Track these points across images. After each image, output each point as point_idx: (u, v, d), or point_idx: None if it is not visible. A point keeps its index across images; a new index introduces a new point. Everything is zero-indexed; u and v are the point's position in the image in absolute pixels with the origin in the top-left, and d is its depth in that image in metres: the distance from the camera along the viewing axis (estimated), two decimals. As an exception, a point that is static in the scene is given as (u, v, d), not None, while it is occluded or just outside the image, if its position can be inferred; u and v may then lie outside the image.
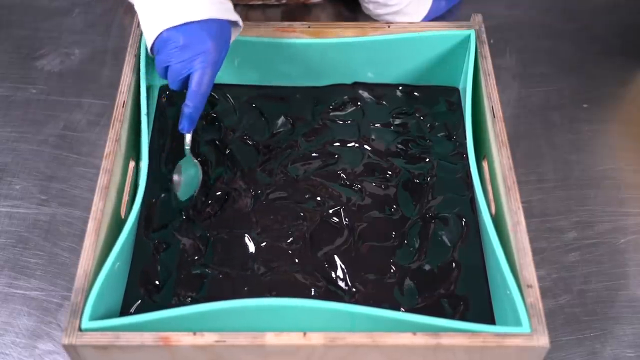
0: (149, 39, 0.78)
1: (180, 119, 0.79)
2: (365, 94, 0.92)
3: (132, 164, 0.82)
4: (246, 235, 0.79)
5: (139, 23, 0.87)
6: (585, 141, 0.96)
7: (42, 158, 0.93)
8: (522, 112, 0.98)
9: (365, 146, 0.87)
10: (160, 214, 0.80)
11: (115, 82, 0.83)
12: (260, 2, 1.11)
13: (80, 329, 0.63)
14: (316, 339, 0.62)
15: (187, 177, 0.81)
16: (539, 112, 0.99)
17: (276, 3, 1.11)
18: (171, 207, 0.81)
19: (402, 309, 0.73)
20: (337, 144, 0.87)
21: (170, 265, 0.76)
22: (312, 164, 0.85)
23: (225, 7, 0.79)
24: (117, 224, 0.75)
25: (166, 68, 0.78)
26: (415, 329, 0.63)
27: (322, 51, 0.88)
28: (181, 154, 0.84)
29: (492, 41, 1.02)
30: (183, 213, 0.80)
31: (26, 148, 0.94)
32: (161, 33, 0.76)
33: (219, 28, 0.77)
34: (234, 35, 0.82)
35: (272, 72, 0.91)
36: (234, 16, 0.80)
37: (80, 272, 0.67)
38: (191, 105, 0.78)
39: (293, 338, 0.63)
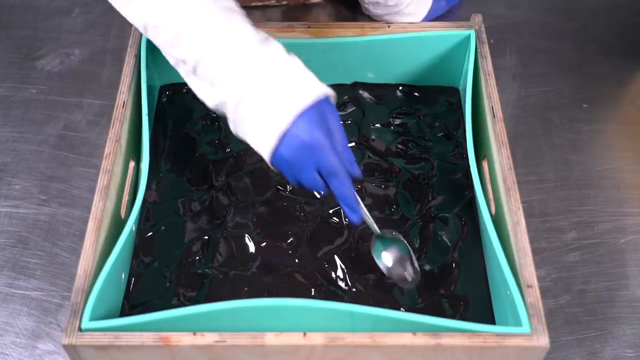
0: (264, 152, 0.69)
1: (348, 215, 0.71)
2: (365, 94, 0.92)
3: (132, 164, 0.82)
4: (246, 235, 0.79)
5: None
6: (585, 141, 0.96)
7: (42, 158, 0.93)
8: (521, 112, 0.98)
9: (365, 146, 0.87)
10: (160, 216, 0.81)
11: (115, 82, 0.83)
12: (260, 3, 1.11)
13: (80, 329, 0.64)
14: (316, 339, 0.62)
15: (395, 257, 0.75)
16: (539, 112, 0.99)
17: (276, 4, 1.11)
18: (171, 208, 0.81)
19: (402, 309, 0.73)
20: (337, 144, 0.87)
21: (170, 266, 0.77)
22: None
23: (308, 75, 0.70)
24: (117, 224, 0.75)
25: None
26: (415, 329, 0.63)
27: (322, 51, 0.88)
28: (181, 154, 0.85)
29: (492, 41, 1.02)
30: (183, 213, 0.80)
31: (26, 148, 0.94)
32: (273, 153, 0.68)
33: (316, 112, 0.67)
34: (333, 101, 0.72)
35: (272, 72, 0.91)
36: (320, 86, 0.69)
37: (80, 272, 0.67)
38: (341, 198, 0.70)
39: (293, 338, 0.63)
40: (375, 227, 0.74)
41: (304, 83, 0.68)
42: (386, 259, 0.74)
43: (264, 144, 0.67)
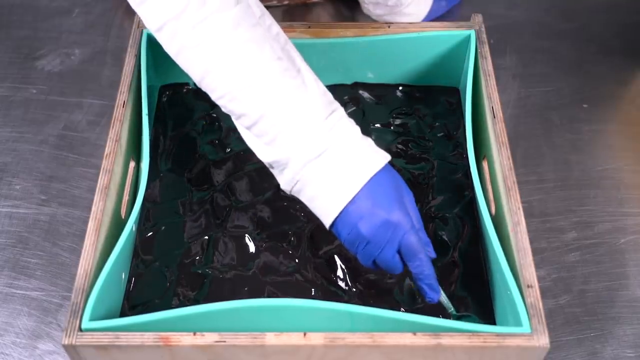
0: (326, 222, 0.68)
1: (423, 294, 0.70)
2: (365, 94, 0.92)
3: (132, 164, 0.82)
4: (246, 235, 0.79)
5: (139, 23, 0.87)
6: (585, 141, 0.96)
7: (42, 158, 0.93)
8: (522, 112, 0.98)
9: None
10: (160, 215, 0.81)
11: (115, 82, 0.83)
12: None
13: (80, 329, 0.64)
14: (316, 339, 0.62)
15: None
16: (539, 112, 0.99)
17: (277, 4, 1.11)
18: (171, 208, 0.81)
19: (402, 309, 0.73)
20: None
21: (170, 266, 0.77)
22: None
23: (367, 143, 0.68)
24: (117, 224, 0.75)
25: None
26: (415, 329, 0.63)
27: (322, 51, 0.88)
28: (181, 154, 0.85)
29: (492, 41, 1.02)
30: (183, 213, 0.80)
31: (26, 148, 0.94)
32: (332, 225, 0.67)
33: (378, 183, 0.65)
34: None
35: (272, 72, 0.91)
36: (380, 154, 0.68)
37: (80, 272, 0.67)
38: (422, 277, 0.68)
39: (293, 338, 0.63)
40: (450, 305, 0.71)
41: (371, 150, 0.67)
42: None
43: (328, 215, 0.67)
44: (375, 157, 0.67)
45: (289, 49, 0.70)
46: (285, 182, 0.68)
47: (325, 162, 0.65)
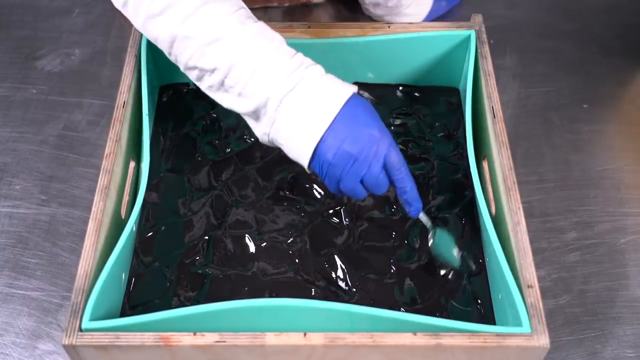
0: (303, 158, 0.69)
1: (407, 207, 0.72)
2: (366, 94, 0.92)
3: (132, 164, 0.82)
4: (246, 235, 0.79)
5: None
6: (585, 141, 0.96)
7: (42, 158, 0.93)
8: (522, 113, 0.98)
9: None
10: (160, 216, 0.81)
11: (115, 82, 0.83)
12: (261, 5, 1.11)
13: (80, 329, 0.64)
14: (316, 339, 0.62)
15: (444, 246, 0.76)
16: (539, 112, 0.99)
17: (277, 5, 1.11)
18: (171, 208, 0.81)
19: (402, 309, 0.73)
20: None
21: (170, 266, 0.77)
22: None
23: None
24: (117, 225, 0.75)
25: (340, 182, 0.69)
26: (415, 329, 0.63)
27: (322, 51, 0.88)
28: (181, 154, 0.85)
29: (492, 41, 1.02)
30: (183, 213, 0.81)
31: (26, 148, 0.94)
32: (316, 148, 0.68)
33: (355, 105, 0.68)
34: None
35: (272, 72, 0.91)
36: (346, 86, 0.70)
37: (80, 272, 0.67)
38: (406, 189, 0.71)
39: (293, 338, 0.63)
40: (428, 220, 0.74)
41: (339, 82, 0.69)
42: (454, 250, 0.76)
43: (308, 145, 0.67)
44: (344, 87, 0.69)
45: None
46: (263, 128, 0.69)
47: (299, 95, 0.67)
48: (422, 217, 0.75)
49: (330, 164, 0.68)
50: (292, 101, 0.67)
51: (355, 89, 0.69)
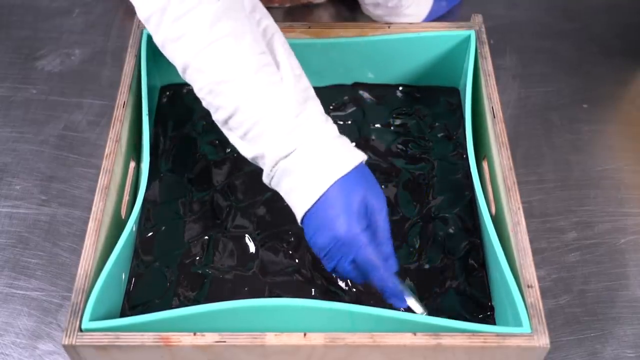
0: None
1: (391, 300, 0.68)
2: (365, 94, 0.92)
3: (132, 164, 0.82)
4: (246, 235, 0.79)
5: (139, 23, 0.87)
6: (585, 141, 0.96)
7: (42, 158, 0.93)
8: (522, 113, 0.98)
9: (366, 147, 0.87)
10: (160, 216, 0.81)
11: (115, 82, 0.83)
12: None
13: (80, 329, 0.64)
14: (316, 339, 0.62)
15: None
16: (539, 113, 0.99)
17: (278, 6, 1.11)
18: (171, 208, 0.81)
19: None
20: (337, 144, 0.87)
21: (170, 266, 0.77)
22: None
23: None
24: (117, 225, 0.75)
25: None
26: (415, 329, 0.63)
27: (322, 51, 0.88)
28: (181, 154, 0.85)
29: (492, 41, 1.02)
30: (184, 213, 0.81)
31: (26, 148, 0.94)
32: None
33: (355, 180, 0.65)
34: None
35: (272, 73, 0.91)
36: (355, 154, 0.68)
37: (80, 272, 0.67)
38: (385, 289, 0.67)
39: (293, 338, 0.63)
40: (420, 308, 0.69)
41: (342, 151, 0.67)
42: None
43: (299, 212, 0.67)
44: (344, 159, 0.66)
45: (275, 42, 0.70)
46: (264, 175, 0.69)
47: (294, 162, 0.66)
48: (412, 304, 0.69)
49: (309, 244, 0.68)
50: (286, 167, 0.66)
51: (355, 162, 0.66)
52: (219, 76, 0.67)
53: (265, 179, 0.69)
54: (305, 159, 0.66)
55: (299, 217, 0.68)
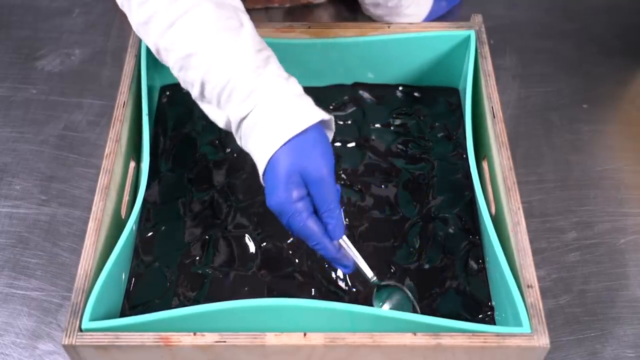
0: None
1: (331, 232, 0.68)
2: (365, 94, 0.92)
3: (132, 164, 0.82)
4: (246, 235, 0.79)
5: None
6: (584, 141, 0.96)
7: (42, 158, 0.93)
8: (521, 113, 0.98)
9: (366, 147, 0.87)
10: (160, 216, 0.81)
11: (115, 82, 0.83)
12: (262, 6, 1.11)
13: (80, 329, 0.64)
14: (316, 339, 0.62)
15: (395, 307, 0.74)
16: (539, 113, 0.99)
17: (278, 6, 1.11)
18: (171, 208, 0.81)
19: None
20: (338, 144, 0.87)
21: (170, 266, 0.77)
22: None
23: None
24: (117, 224, 0.75)
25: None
26: (415, 329, 0.63)
27: (322, 51, 0.88)
28: (181, 154, 0.85)
29: (492, 42, 1.02)
30: (184, 213, 0.81)
31: (26, 148, 0.94)
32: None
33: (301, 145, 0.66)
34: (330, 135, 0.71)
35: (272, 73, 0.91)
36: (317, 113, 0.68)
37: (80, 272, 0.67)
38: (327, 256, 0.69)
39: (293, 338, 0.63)
40: (370, 274, 0.71)
41: (300, 109, 0.67)
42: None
43: (260, 170, 0.68)
44: (297, 119, 0.66)
45: (240, 13, 0.71)
46: (237, 139, 0.71)
47: (253, 121, 0.67)
48: (362, 269, 0.71)
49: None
50: (247, 126, 0.68)
51: (308, 122, 0.66)
52: (185, 51, 0.69)
53: (238, 142, 0.71)
54: (262, 118, 0.67)
55: (261, 171, 0.68)
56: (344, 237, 0.69)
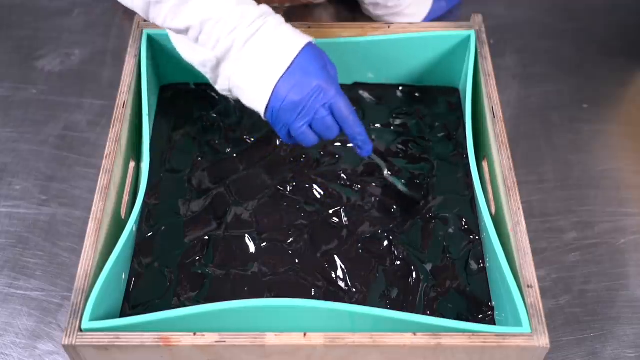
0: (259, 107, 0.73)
1: (358, 150, 0.76)
2: (365, 94, 0.92)
3: (132, 164, 0.82)
4: (246, 235, 0.79)
5: (139, 23, 0.87)
6: (585, 141, 0.96)
7: (42, 158, 0.93)
8: (522, 113, 0.98)
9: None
10: (160, 216, 0.81)
11: (115, 82, 0.83)
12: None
13: (80, 329, 0.64)
14: (316, 339, 0.62)
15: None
16: (539, 113, 0.99)
17: (278, 5, 1.11)
18: (171, 208, 0.81)
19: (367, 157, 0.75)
20: (338, 144, 0.87)
21: (170, 266, 0.77)
22: (313, 164, 0.85)
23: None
24: (117, 225, 0.75)
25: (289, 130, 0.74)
26: (415, 329, 0.63)
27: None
28: (181, 154, 0.85)
29: (492, 41, 1.02)
30: (183, 213, 0.81)
31: (26, 148, 0.94)
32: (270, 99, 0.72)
33: (314, 50, 0.73)
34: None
35: (272, 73, 0.91)
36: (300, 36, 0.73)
37: (80, 272, 0.67)
38: (355, 136, 0.74)
39: (293, 338, 0.63)
40: (383, 164, 0.80)
41: (295, 34, 0.72)
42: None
43: (264, 91, 0.71)
44: (298, 37, 0.72)
45: None
46: (222, 79, 0.74)
47: (257, 44, 0.71)
48: (374, 157, 0.80)
49: (279, 110, 0.71)
50: (251, 49, 0.71)
51: (309, 39, 0.73)
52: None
53: (222, 83, 0.74)
54: (268, 39, 0.71)
55: (268, 92, 0.71)
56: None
